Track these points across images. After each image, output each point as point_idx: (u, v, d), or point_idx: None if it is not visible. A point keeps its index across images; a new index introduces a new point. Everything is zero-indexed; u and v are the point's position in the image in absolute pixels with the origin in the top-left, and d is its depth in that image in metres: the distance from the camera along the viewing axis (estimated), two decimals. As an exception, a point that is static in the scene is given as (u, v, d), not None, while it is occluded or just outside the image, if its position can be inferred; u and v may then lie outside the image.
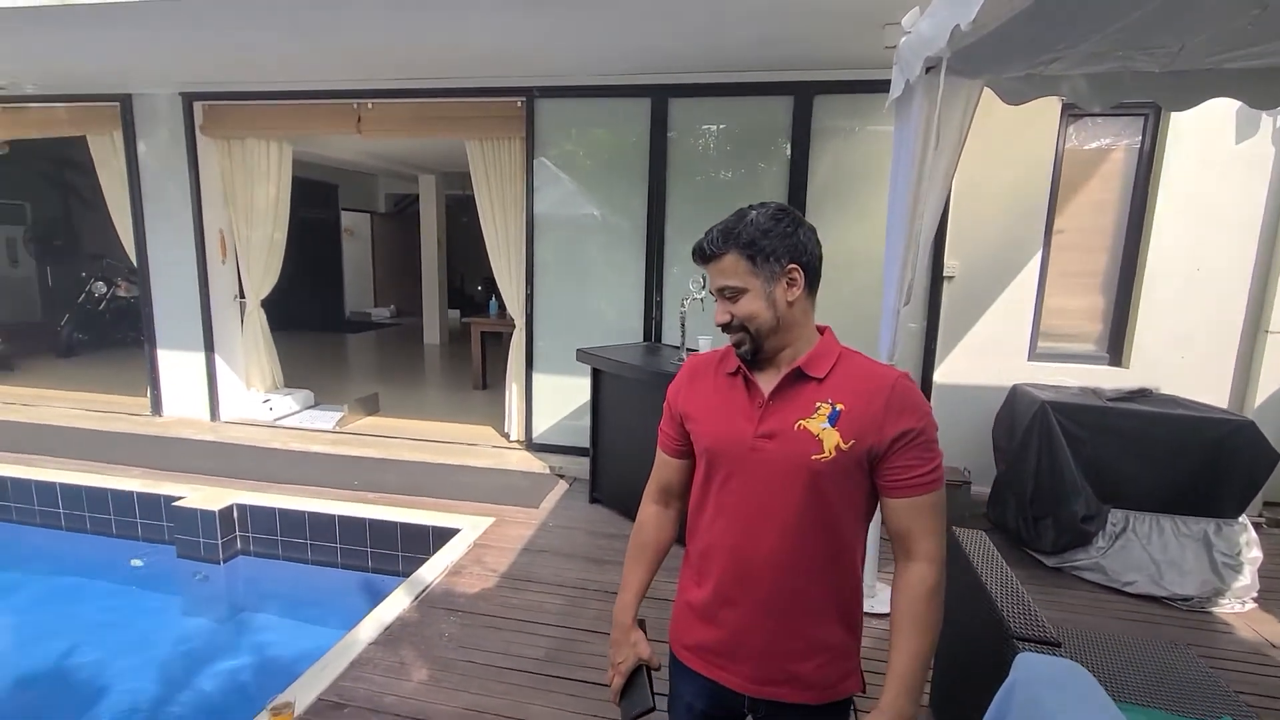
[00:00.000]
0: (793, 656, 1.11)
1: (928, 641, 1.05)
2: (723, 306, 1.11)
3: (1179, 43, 2.04)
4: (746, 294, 1.08)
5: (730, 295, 1.10)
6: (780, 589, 1.10)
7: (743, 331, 1.10)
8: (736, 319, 1.10)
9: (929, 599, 1.05)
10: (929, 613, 1.05)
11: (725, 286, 1.10)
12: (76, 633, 3.09)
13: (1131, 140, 3.79)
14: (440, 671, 2.36)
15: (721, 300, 1.12)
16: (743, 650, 1.13)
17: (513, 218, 4.55)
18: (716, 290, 1.12)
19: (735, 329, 1.11)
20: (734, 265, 1.08)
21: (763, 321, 1.08)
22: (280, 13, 3.21)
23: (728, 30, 3.22)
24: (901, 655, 1.04)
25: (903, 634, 1.05)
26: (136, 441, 4.71)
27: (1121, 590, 2.98)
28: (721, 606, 1.15)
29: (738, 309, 1.09)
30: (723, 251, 1.08)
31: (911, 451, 1.05)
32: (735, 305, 1.10)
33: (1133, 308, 3.84)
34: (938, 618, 1.06)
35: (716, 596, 1.15)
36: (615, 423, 3.69)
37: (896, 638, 1.06)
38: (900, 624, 1.06)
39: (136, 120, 4.90)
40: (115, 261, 7.47)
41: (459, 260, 10.41)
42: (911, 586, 1.06)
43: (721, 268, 1.09)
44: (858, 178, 3.97)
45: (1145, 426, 3.02)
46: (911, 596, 1.06)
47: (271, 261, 5.19)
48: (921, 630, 1.05)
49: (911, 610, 1.05)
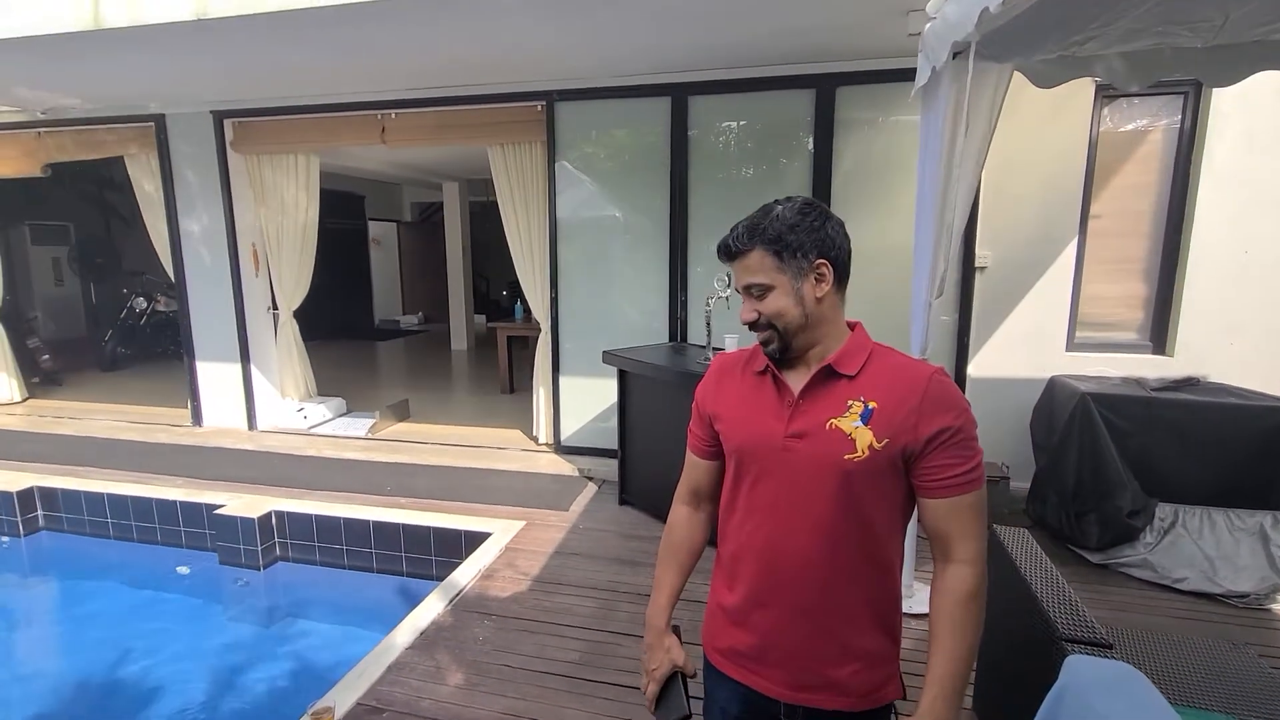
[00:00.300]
0: (828, 662, 1.08)
1: (968, 645, 1.01)
2: (749, 304, 1.09)
3: (1223, 15, 1.95)
4: (773, 291, 1.06)
5: (757, 293, 1.07)
6: (813, 592, 1.07)
7: (770, 329, 1.07)
8: (764, 317, 1.07)
9: (969, 602, 1.02)
10: (969, 616, 1.02)
11: (752, 284, 1.07)
12: (126, 638, 3.19)
13: (1170, 120, 3.65)
14: (476, 676, 2.37)
15: (748, 298, 1.09)
16: (775, 654, 1.11)
17: (536, 222, 4.57)
18: (743, 288, 1.09)
19: (762, 327, 1.08)
20: (760, 261, 1.05)
21: (791, 319, 1.06)
22: (310, 31, 3.27)
23: (747, 22, 3.19)
24: (941, 659, 1.01)
25: (942, 638, 1.02)
26: (178, 452, 4.85)
27: (1172, 587, 2.87)
28: (753, 609, 1.12)
29: (765, 306, 1.07)
30: (748, 248, 1.06)
31: (949, 450, 1.01)
32: (762, 303, 1.07)
33: (1176, 294, 3.70)
34: (979, 621, 1.03)
35: (748, 599, 1.12)
36: (643, 424, 3.68)
37: (935, 642, 1.03)
38: (939, 628, 1.03)
39: (170, 139, 5.05)
40: (154, 277, 7.71)
41: (483, 266, 10.52)
42: (951, 589, 1.03)
43: (747, 264, 1.07)
44: (883, 170, 3.90)
45: (1194, 416, 2.91)
46: (951, 600, 1.03)
47: (303, 272, 5.30)
48: (961, 634, 1.01)
49: (951, 614, 1.02)
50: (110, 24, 3.20)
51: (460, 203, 9.01)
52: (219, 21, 3.10)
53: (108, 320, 8.09)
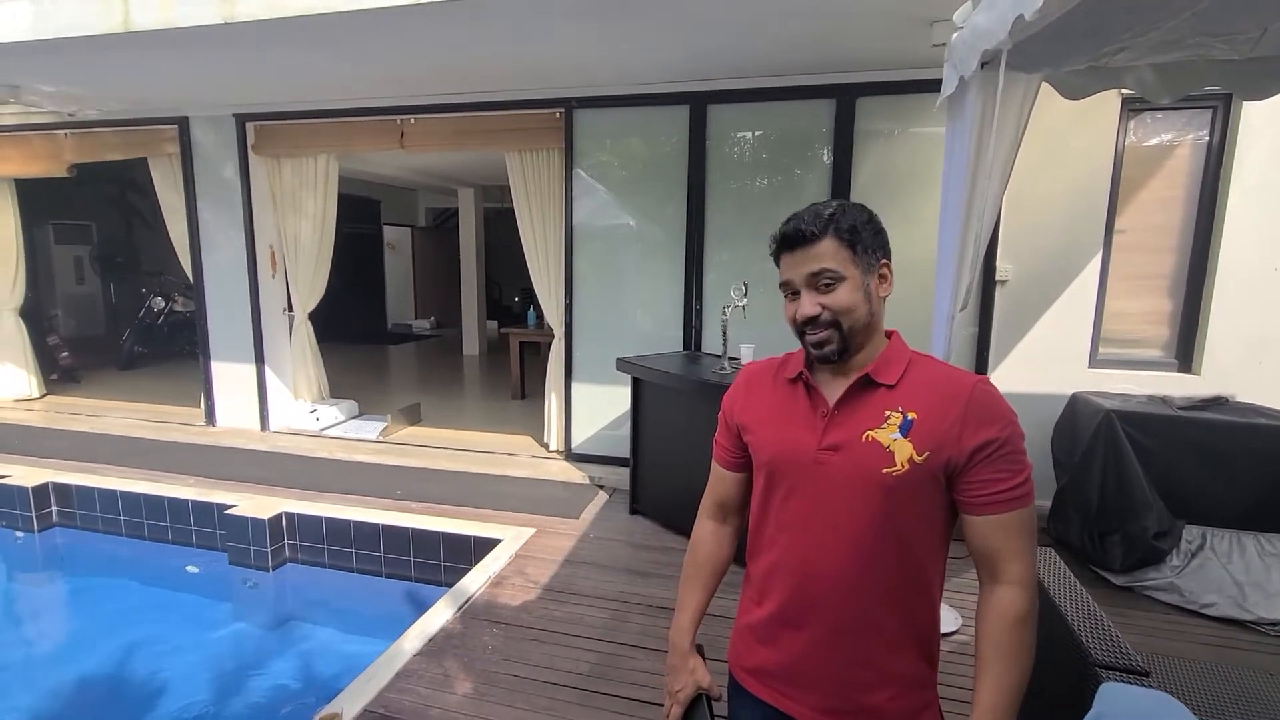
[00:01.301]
0: (862, 687, 1.03)
1: (1018, 673, 0.95)
2: (812, 298, 1.01)
3: (1260, 27, 1.91)
4: (845, 283, 0.99)
5: (827, 283, 1.00)
6: (848, 613, 1.02)
7: (832, 328, 1.00)
8: (829, 311, 1.00)
9: (1019, 627, 0.96)
10: (1020, 642, 0.96)
11: (824, 270, 0.99)
12: (134, 636, 3.18)
13: (1198, 134, 3.59)
14: (484, 685, 2.34)
15: (811, 291, 1.01)
16: (806, 677, 1.06)
17: (552, 228, 4.57)
18: (808, 276, 1.00)
19: (824, 324, 1.00)
20: (834, 251, 0.99)
21: (859, 316, 1.00)
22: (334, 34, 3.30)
23: (768, 32, 3.17)
24: (989, 689, 0.95)
25: (990, 665, 0.96)
26: (191, 451, 4.86)
27: (1200, 613, 2.78)
28: (782, 628, 1.07)
29: (834, 300, 0.99)
30: (821, 235, 0.99)
31: (995, 464, 0.96)
32: (831, 295, 1.00)
33: (1203, 310, 3.62)
34: (1030, 647, 0.97)
35: (779, 618, 1.07)
36: (655, 433, 3.64)
37: (983, 669, 0.96)
38: (987, 654, 0.97)
39: (193, 141, 5.11)
40: (172, 278, 7.80)
41: (497, 272, 10.55)
42: (1000, 614, 0.97)
43: (819, 252, 1.00)
44: (903, 181, 3.86)
45: (1222, 437, 2.83)
46: (1001, 625, 0.96)
47: (319, 275, 5.33)
48: (1012, 662, 0.95)
49: (1001, 640, 0.96)
50: (139, 27, 3.24)
51: (475, 209, 9.05)
52: (246, 25, 3.13)
53: (126, 319, 8.18)
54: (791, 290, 1.05)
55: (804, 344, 1.05)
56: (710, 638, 1.23)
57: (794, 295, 1.05)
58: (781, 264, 1.05)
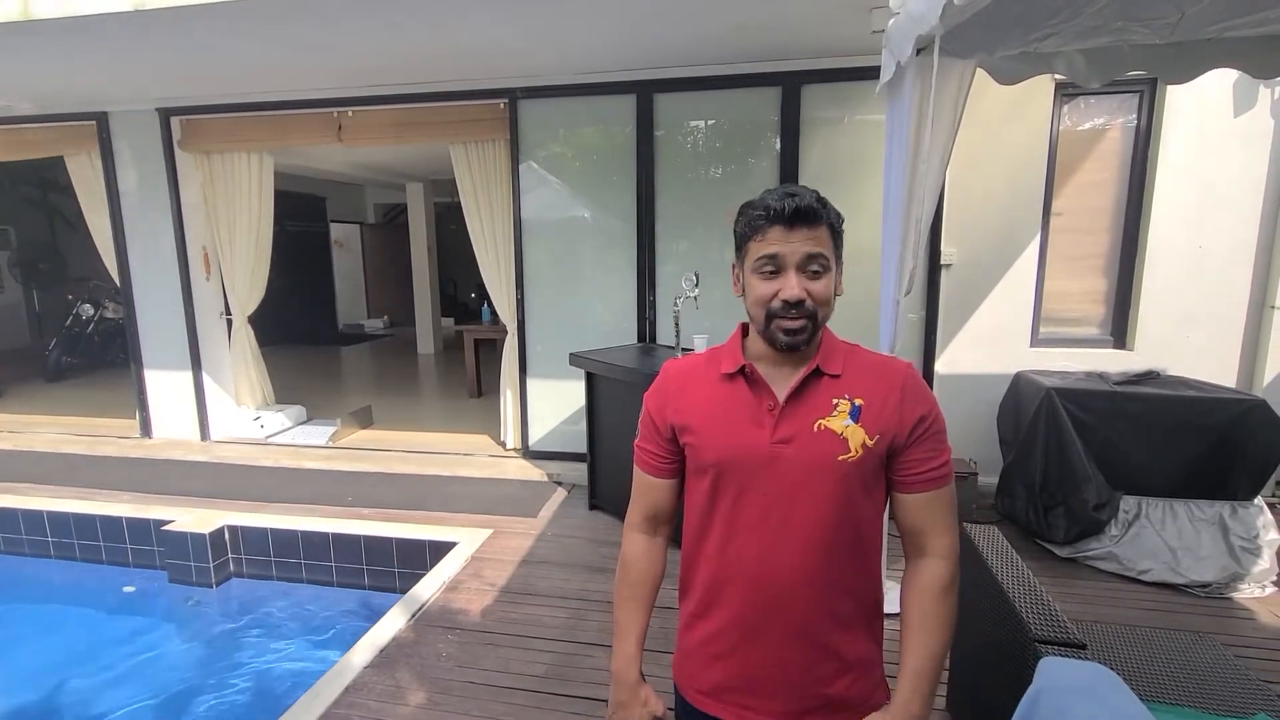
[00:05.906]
0: (825, 679, 1.02)
1: (942, 641, 1.00)
2: (800, 282, 0.95)
3: (1178, 12, 1.96)
4: (828, 275, 0.98)
5: (816, 271, 0.96)
6: (809, 607, 1.00)
7: (809, 318, 0.97)
8: (812, 300, 0.96)
9: (944, 596, 1.01)
10: (944, 611, 1.01)
11: (820, 255, 0.96)
12: (67, 664, 3.00)
13: (1127, 118, 3.72)
14: (438, 694, 2.27)
15: (801, 275, 0.95)
16: (770, 684, 1.03)
17: (500, 222, 4.46)
18: (806, 256, 0.95)
19: (805, 314, 0.96)
20: (826, 238, 0.97)
21: (829, 311, 1.00)
22: (253, 24, 3.13)
23: (708, 16, 3.13)
24: (914, 655, 0.99)
25: (916, 633, 1.00)
26: (126, 465, 4.61)
27: (1137, 579, 2.91)
28: (741, 639, 1.03)
29: (818, 288, 0.96)
30: (823, 219, 0.96)
31: (927, 443, 1.01)
32: (817, 283, 0.96)
33: (1135, 289, 3.77)
34: (953, 616, 1.02)
35: (736, 628, 1.03)
36: (611, 426, 3.60)
37: (909, 637, 1.01)
38: (913, 622, 1.01)
39: (114, 138, 4.81)
40: (101, 283, 7.37)
41: (451, 268, 10.33)
42: (926, 584, 1.02)
43: (817, 235, 0.96)
44: (849, 168, 3.89)
45: (1155, 410, 2.95)
46: (926, 595, 1.01)
47: (257, 276, 5.10)
48: (936, 629, 1.00)
49: (926, 609, 1.01)
50: (39, 15, 3.01)
51: (425, 204, 8.82)
52: (159, 12, 2.94)
53: (53, 328, 7.72)
54: (773, 268, 0.97)
55: (770, 329, 0.98)
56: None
57: (773, 274, 0.97)
58: (768, 236, 0.96)
